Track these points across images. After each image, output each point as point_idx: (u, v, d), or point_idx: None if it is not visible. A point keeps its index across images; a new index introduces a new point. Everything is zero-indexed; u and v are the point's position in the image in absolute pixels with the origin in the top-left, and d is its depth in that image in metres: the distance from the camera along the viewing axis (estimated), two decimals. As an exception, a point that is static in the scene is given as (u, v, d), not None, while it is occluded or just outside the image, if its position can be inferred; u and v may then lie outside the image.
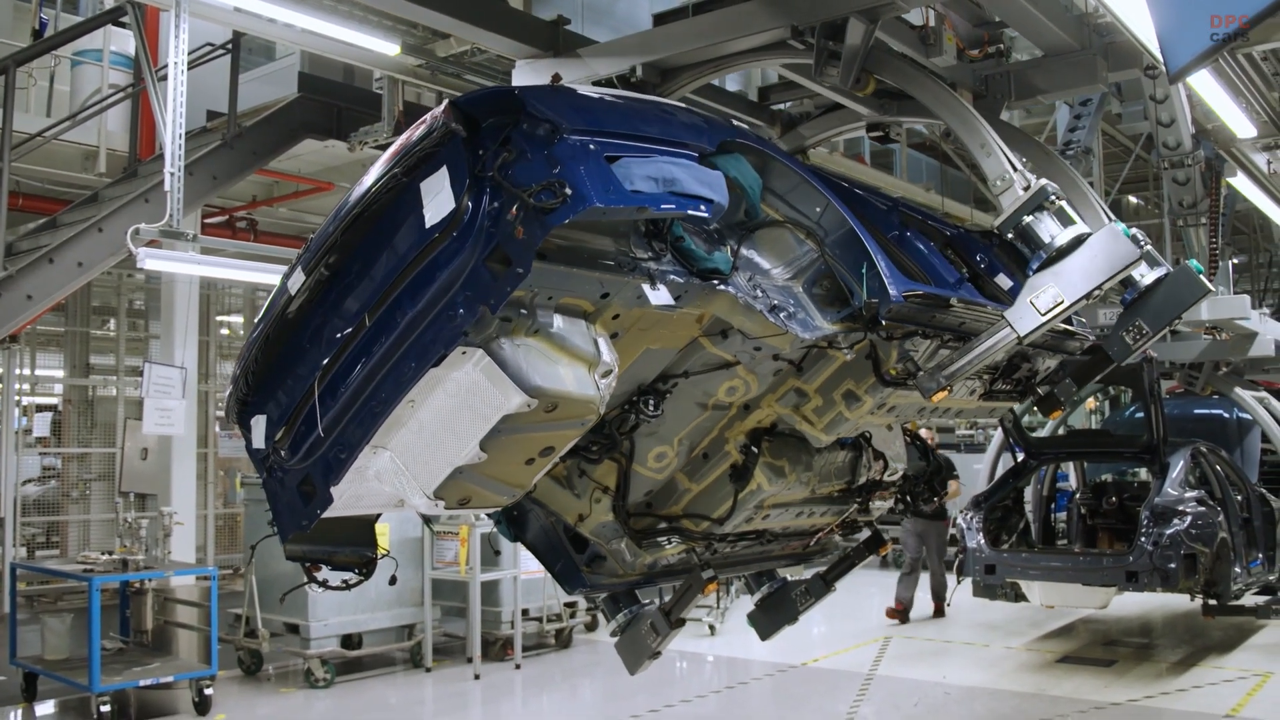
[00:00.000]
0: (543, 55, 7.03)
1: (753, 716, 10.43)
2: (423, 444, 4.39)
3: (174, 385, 11.06)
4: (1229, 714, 9.73)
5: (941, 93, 6.04)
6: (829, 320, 5.00)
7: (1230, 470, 12.66)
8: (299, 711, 10.38)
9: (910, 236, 5.75)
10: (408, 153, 4.20)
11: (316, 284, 4.50)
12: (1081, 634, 13.68)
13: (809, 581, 6.89)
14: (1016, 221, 5.45)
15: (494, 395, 4.14)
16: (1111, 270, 5.28)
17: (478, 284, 4.02)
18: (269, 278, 10.95)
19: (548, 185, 3.88)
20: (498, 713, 10.64)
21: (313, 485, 4.63)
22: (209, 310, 16.42)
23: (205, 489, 16.00)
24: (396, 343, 4.23)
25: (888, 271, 4.91)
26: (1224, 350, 12.97)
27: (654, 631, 6.18)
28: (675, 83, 6.89)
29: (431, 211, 4.13)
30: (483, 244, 4.02)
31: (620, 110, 4.60)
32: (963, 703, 10.38)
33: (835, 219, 5.00)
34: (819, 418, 5.64)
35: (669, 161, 4.33)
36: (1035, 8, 6.54)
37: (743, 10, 6.38)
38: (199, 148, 10.53)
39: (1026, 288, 5.39)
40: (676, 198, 4.24)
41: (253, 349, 4.76)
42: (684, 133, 4.63)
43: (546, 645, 12.70)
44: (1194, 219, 12.13)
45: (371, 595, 11.27)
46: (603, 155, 4.13)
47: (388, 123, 10.84)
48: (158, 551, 10.88)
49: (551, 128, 4.08)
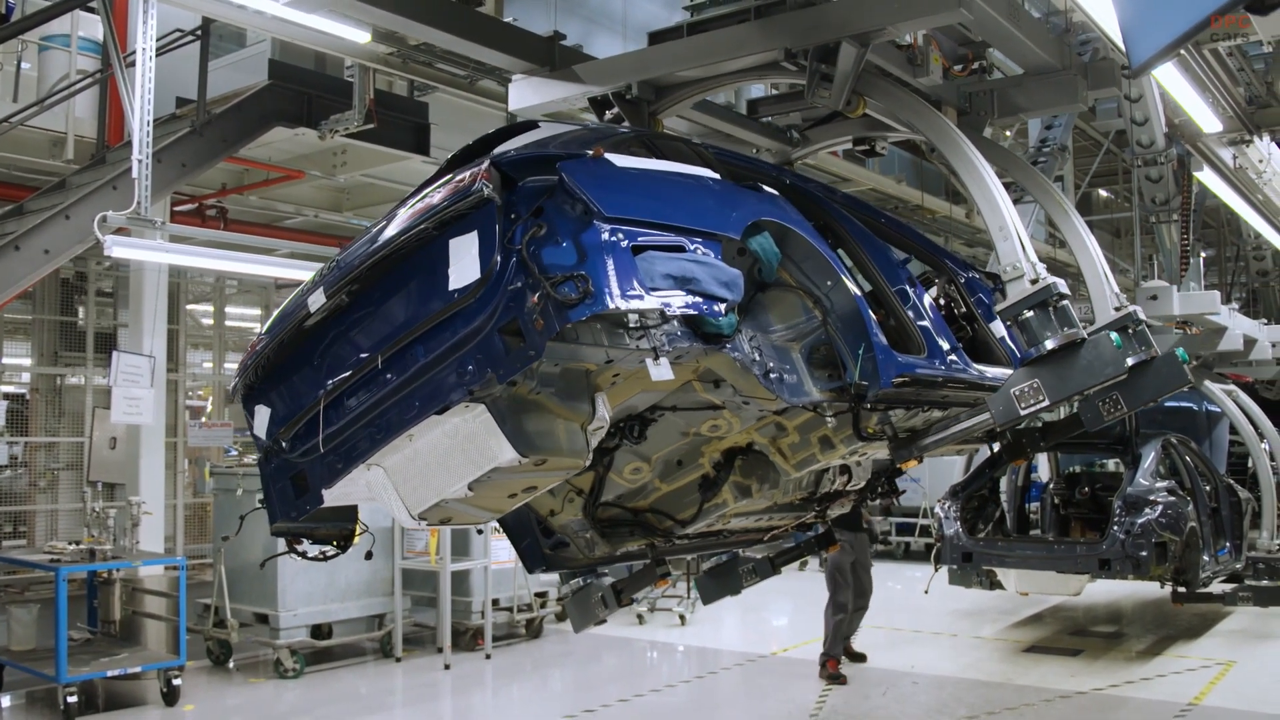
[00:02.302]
0: (539, 70, 7.08)
1: (721, 706, 10.52)
2: (415, 471, 4.63)
3: (142, 374, 11.02)
4: (1191, 703, 9.89)
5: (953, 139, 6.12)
6: (818, 388, 5.19)
7: (1200, 461, 12.89)
8: (268, 702, 10.42)
9: (917, 294, 6.00)
10: (442, 209, 4.33)
11: (335, 307, 4.69)
12: (1051, 622, 13.85)
13: (757, 561, 7.38)
14: (1017, 313, 5.60)
15: (488, 448, 4.35)
16: (1096, 380, 5.46)
17: (490, 351, 4.20)
18: (238, 266, 10.95)
19: (572, 278, 4.02)
20: (468, 703, 10.69)
21: (306, 483, 4.98)
22: (179, 299, 16.36)
23: (174, 479, 15.97)
24: (405, 383, 4.46)
25: (882, 354, 5.15)
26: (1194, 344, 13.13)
27: (603, 604, 6.67)
28: (669, 100, 6.99)
29: (456, 275, 4.28)
30: (500, 315, 4.18)
31: (655, 191, 4.68)
32: (930, 692, 10.50)
33: (844, 295, 5.19)
34: (793, 454, 5.82)
35: (692, 258, 4.43)
36: (1017, 29, 6.64)
37: (737, 32, 6.50)
38: (168, 135, 10.48)
39: (1012, 378, 5.60)
40: (693, 299, 4.36)
41: (267, 347, 5.00)
42: (714, 216, 4.72)
43: (517, 635, 12.78)
44: (1166, 216, 12.28)
45: (341, 585, 11.31)
46: (630, 246, 4.24)
47: (359, 110, 10.83)
48: (126, 541, 10.88)
49: (585, 209, 4.22)
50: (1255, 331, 13.76)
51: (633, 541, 6.18)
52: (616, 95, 6.89)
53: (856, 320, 5.16)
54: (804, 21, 6.26)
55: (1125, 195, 17.57)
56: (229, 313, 19.27)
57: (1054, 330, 5.45)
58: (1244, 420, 14.15)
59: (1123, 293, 6.29)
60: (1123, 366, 5.37)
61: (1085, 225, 6.75)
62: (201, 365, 19.06)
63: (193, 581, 13.45)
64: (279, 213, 14.86)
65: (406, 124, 11.97)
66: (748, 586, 7.37)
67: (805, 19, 6.26)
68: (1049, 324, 5.48)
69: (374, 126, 10.92)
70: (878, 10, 6.06)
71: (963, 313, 6.81)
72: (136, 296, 11.89)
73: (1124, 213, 18.52)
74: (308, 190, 14.38)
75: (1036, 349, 5.48)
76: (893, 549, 20.24)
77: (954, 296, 6.83)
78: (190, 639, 10.41)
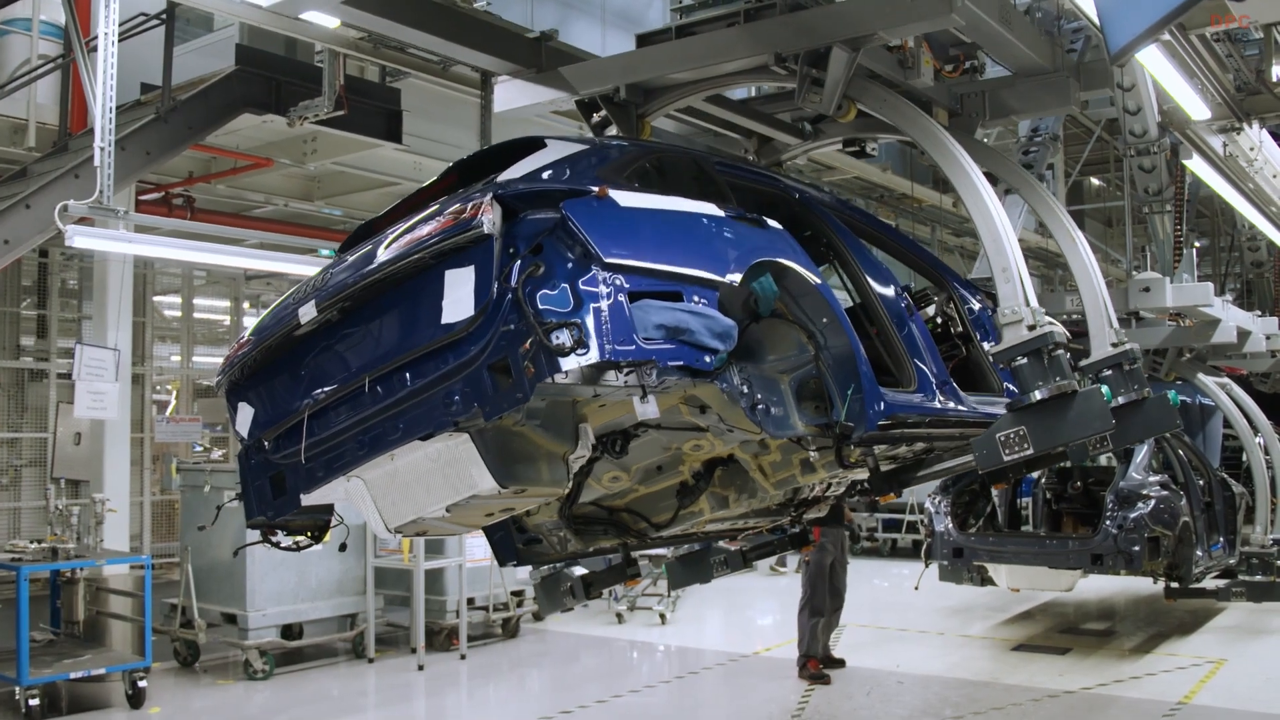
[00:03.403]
0: (524, 72, 7.10)
1: (703, 707, 10.58)
2: (395, 488, 4.77)
3: (106, 367, 11.00)
4: (1181, 702, 9.97)
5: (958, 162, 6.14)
6: (804, 422, 5.27)
7: (1193, 455, 12.99)
8: (236, 704, 10.43)
9: (914, 322, 6.10)
10: (441, 240, 4.39)
11: (326, 321, 4.78)
12: (1042, 620, 13.94)
13: (729, 553, 7.48)
14: (1010, 358, 5.69)
15: (469, 476, 4.48)
16: (1083, 435, 5.58)
17: (478, 386, 4.31)
18: (206, 257, 10.98)
19: (565, 325, 4.11)
20: (442, 704, 10.73)
21: (285, 483, 5.15)
22: (145, 290, 16.33)
23: (141, 475, 15.98)
24: (390, 406, 4.59)
25: (871, 396, 5.26)
26: (1187, 336, 13.22)
27: (571, 594, 6.88)
28: (657, 103, 7.01)
29: (450, 309, 4.36)
30: (491, 353, 4.28)
31: (657, 234, 4.73)
32: (915, 692, 10.57)
33: (838, 333, 5.28)
34: (773, 472, 5.90)
35: (688, 308, 4.50)
36: (1009, 32, 6.70)
37: (726, 35, 6.51)
38: (132, 122, 10.47)
39: (999, 423, 5.70)
40: (685, 350, 4.44)
41: (254, 349, 5.13)
42: (714, 261, 4.78)
43: (493, 635, 12.80)
44: (1159, 206, 12.35)
45: (312, 584, 11.32)
46: (627, 293, 4.31)
47: (328, 97, 10.83)
48: (89, 540, 10.87)
49: (585, 252, 4.30)
50: (1249, 324, 13.81)
51: (606, 540, 6.30)
52: (604, 98, 6.93)
53: (848, 360, 5.28)
54: (794, 25, 6.28)
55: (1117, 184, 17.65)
56: (197, 305, 19.26)
57: (1046, 380, 5.56)
58: (1238, 414, 14.24)
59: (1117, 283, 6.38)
60: (1110, 423, 5.52)
61: (1088, 249, 6.78)
62: (169, 359, 19.05)
63: (160, 581, 13.47)
64: (248, 202, 14.82)
65: (378, 110, 11.97)
66: (718, 577, 7.53)
67: (795, 23, 6.28)
68: (1041, 373, 5.58)
69: (344, 113, 10.92)
70: (869, 15, 6.09)
71: (959, 332, 6.94)
72: (100, 288, 11.87)
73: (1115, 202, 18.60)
74: (277, 179, 14.36)
75: (1026, 397, 5.60)
76: (879, 545, 20.31)
77: (952, 315, 6.95)
78: (156, 640, 10.42)
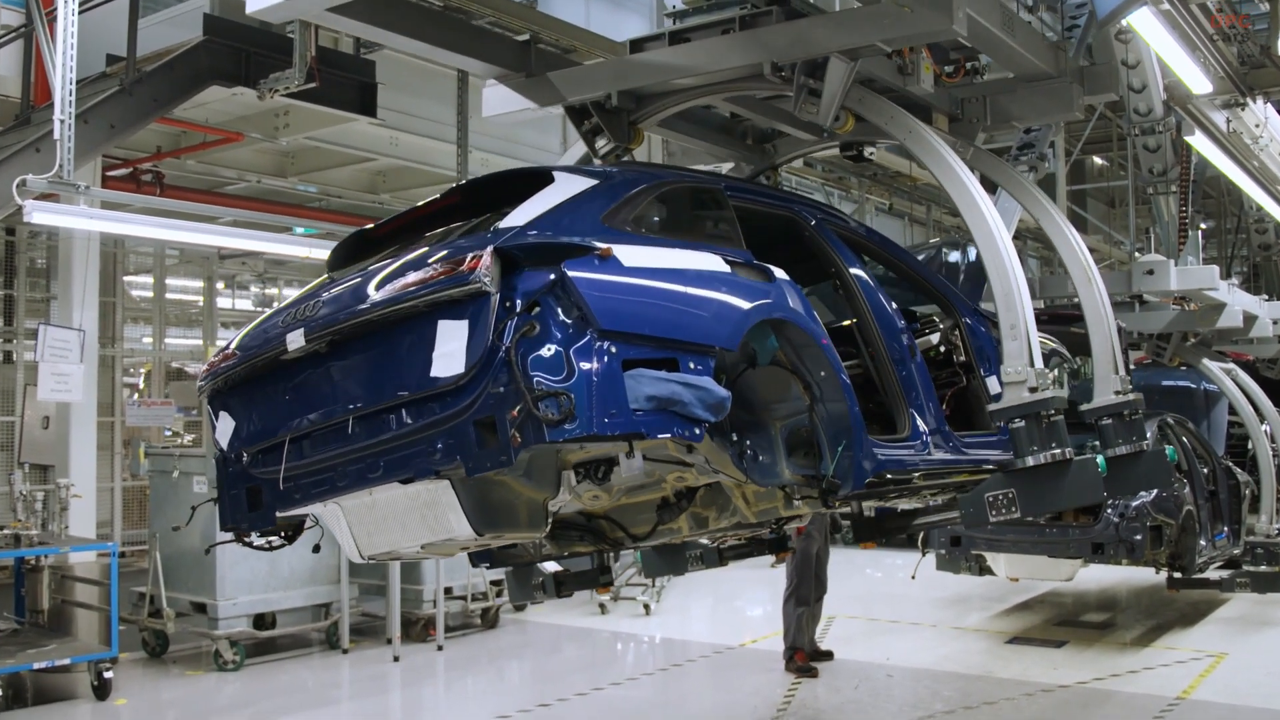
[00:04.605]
0: (513, 76, 7.07)
1: (686, 699, 10.57)
2: (371, 520, 4.92)
3: (71, 349, 10.97)
4: (1179, 696, 9.97)
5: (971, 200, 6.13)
6: (790, 470, 5.36)
7: (1197, 443, 12.96)
8: (206, 695, 10.43)
9: (914, 364, 6.20)
10: (437, 291, 4.42)
11: (313, 353, 4.82)
12: (1039, 611, 13.95)
13: (706, 550, 7.56)
14: (1009, 418, 5.74)
15: (447, 521, 4.61)
16: (1072, 504, 5.80)
17: (463, 440, 4.38)
18: (175, 234, 10.92)
19: (555, 395, 4.17)
20: (418, 696, 10.73)
21: (261, 499, 5.26)
22: (115, 270, 16.29)
23: (112, 460, 15.95)
24: (372, 446, 4.67)
25: (861, 450, 5.35)
26: (1192, 321, 13.24)
27: (542, 589, 7.00)
28: (650, 109, 6.98)
29: (440, 363, 4.41)
30: (478, 410, 4.33)
31: (657, 298, 4.75)
32: (905, 685, 10.57)
33: (834, 387, 5.35)
34: (756, 501, 5.92)
35: (683, 378, 4.53)
36: (1011, 39, 6.67)
37: (720, 43, 6.45)
38: (95, 94, 10.41)
39: (989, 482, 5.82)
40: (675, 422, 4.49)
41: (239, 365, 5.21)
42: (714, 326, 4.82)
43: (472, 625, 12.81)
44: (1164, 187, 12.35)
45: (285, 573, 11.31)
46: (621, 362, 4.36)
47: (299, 69, 10.74)
48: (54, 526, 10.87)
49: (582, 318, 4.34)
50: (1256, 308, 13.82)
51: (582, 546, 6.37)
52: (595, 104, 6.89)
53: (842, 414, 5.34)
54: (790, 34, 6.23)
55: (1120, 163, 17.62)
56: (170, 285, 19.23)
57: (1042, 446, 5.62)
58: (1243, 400, 14.22)
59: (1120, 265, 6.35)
60: (1100, 495, 5.67)
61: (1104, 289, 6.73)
62: (141, 340, 19.03)
63: (130, 569, 13.51)
64: (220, 178, 14.77)
65: (352, 83, 11.88)
66: (692, 571, 7.60)
67: (792, 32, 6.23)
68: (1038, 438, 5.64)
69: (316, 86, 10.84)
70: (867, 25, 6.04)
71: (962, 361, 7.00)
72: (65, 266, 11.85)
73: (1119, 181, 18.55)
74: (249, 154, 14.31)
75: (1020, 461, 5.66)
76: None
77: (956, 344, 7.00)
78: (124, 630, 10.43)
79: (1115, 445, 6.10)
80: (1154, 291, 11.84)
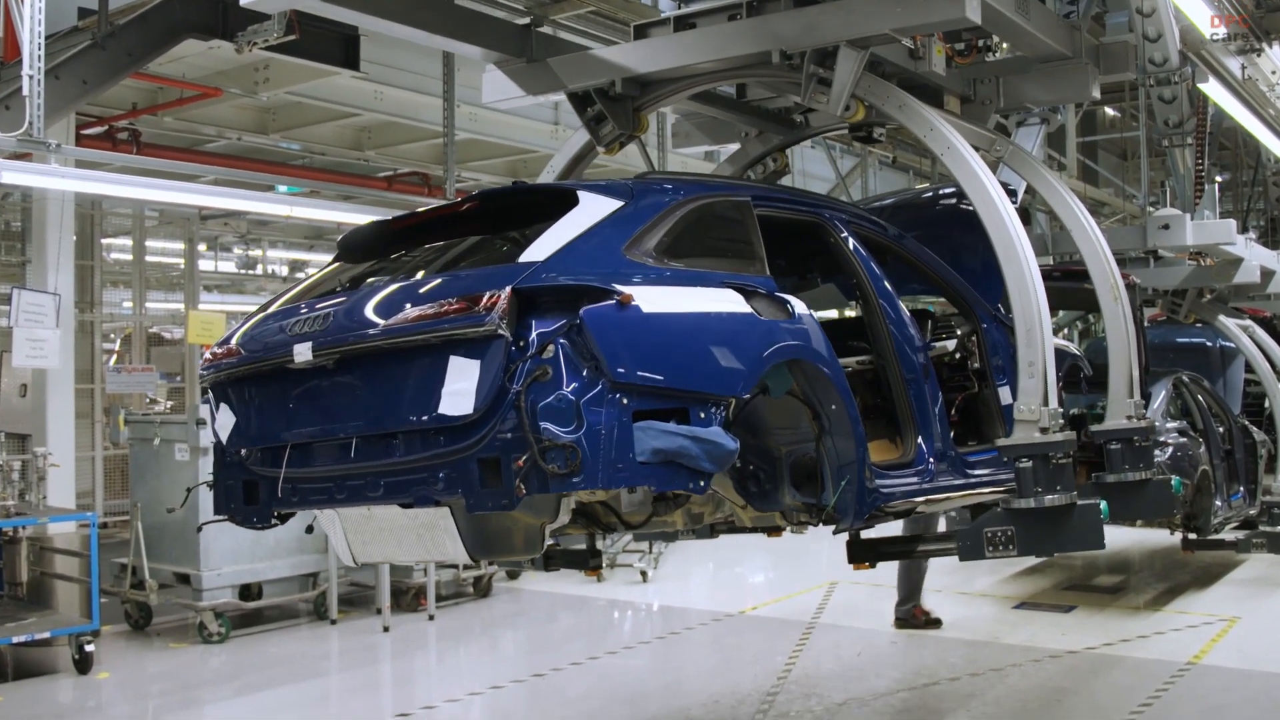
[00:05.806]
0: (513, 61, 7.02)
1: (684, 668, 10.59)
2: (368, 531, 5.09)
3: (46, 313, 10.95)
4: (1190, 662, 9.98)
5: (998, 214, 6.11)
6: (790, 497, 5.44)
7: (1212, 401, 12.96)
8: (191, 668, 10.46)
9: (928, 384, 6.29)
10: (451, 328, 4.50)
11: (319, 368, 4.90)
12: (1050, 574, 13.94)
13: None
14: (1016, 457, 5.82)
15: (443, 545, 4.77)
16: (1072, 548, 5.94)
17: (466, 475, 4.49)
18: (152, 194, 10.91)
19: (562, 447, 4.25)
20: (409, 667, 10.76)
21: (258, 496, 5.38)
22: (93, 232, 16.25)
23: (93, 428, 15.95)
24: (373, 468, 4.80)
25: (864, 487, 5.45)
26: (1208, 276, 13.21)
27: (530, 562, 6.89)
28: (655, 96, 6.97)
29: (449, 401, 4.50)
30: (483, 449, 4.43)
31: (673, 346, 4.76)
32: (909, 652, 10.59)
33: (844, 422, 5.41)
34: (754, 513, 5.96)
35: (691, 431, 4.59)
36: (1026, 22, 6.64)
37: (727, 30, 6.44)
38: (66, 48, 10.34)
39: (986, 519, 5.88)
40: (680, 475, 4.58)
41: (241, 363, 5.31)
42: (727, 376, 4.86)
43: (464, 594, 12.84)
44: (1180, 139, 12.28)
45: (270, 542, 11.29)
46: (631, 413, 4.44)
47: (279, 20, 10.65)
48: (32, 496, 10.88)
49: (596, 369, 4.41)
50: (1273, 263, 13.78)
51: (574, 529, 6.38)
52: (599, 91, 6.87)
53: (848, 448, 5.41)
54: (799, 22, 6.20)
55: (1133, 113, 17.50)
56: (150, 247, 19.19)
57: (1046, 489, 5.69)
58: (1260, 358, 14.19)
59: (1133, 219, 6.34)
60: (1102, 543, 5.73)
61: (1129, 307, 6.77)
62: (121, 305, 19.00)
63: (112, 540, 13.53)
64: (199, 135, 14.68)
65: (333, 35, 11.76)
66: (682, 539, 7.68)
67: (801, 19, 6.20)
68: (1044, 480, 5.70)
69: (296, 38, 10.76)
70: (878, 13, 6.01)
71: (975, 369, 7.04)
72: (40, 228, 11.81)
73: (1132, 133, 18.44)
74: (229, 110, 14.22)
75: (1022, 503, 5.72)
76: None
77: (972, 350, 7.05)
78: (106, 602, 10.44)
79: (1121, 471, 6.22)
80: (1169, 246, 11.81)
